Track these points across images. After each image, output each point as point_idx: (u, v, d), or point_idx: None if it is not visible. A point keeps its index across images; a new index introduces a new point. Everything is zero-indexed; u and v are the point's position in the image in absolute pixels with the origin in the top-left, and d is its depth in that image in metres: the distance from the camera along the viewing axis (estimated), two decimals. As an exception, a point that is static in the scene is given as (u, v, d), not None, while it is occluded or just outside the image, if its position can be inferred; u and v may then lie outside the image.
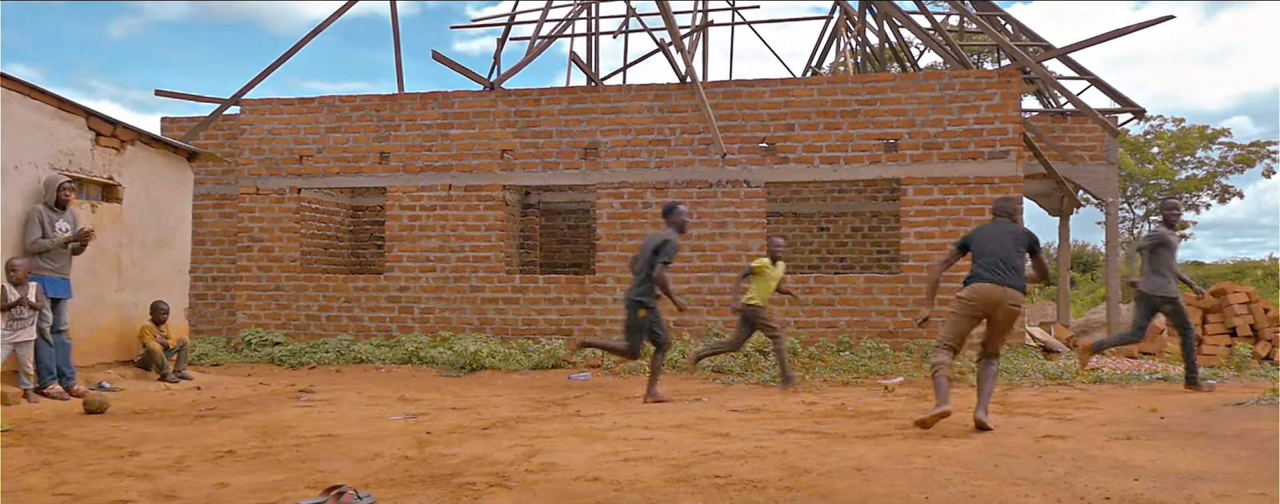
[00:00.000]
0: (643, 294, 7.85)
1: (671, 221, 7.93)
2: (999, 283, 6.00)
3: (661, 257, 7.67)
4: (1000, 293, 5.97)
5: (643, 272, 7.86)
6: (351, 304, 12.84)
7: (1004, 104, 11.49)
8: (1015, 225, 6.37)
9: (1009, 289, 5.98)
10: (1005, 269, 6.05)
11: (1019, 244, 6.15)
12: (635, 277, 8.00)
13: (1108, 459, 4.61)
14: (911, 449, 5.04)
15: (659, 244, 7.75)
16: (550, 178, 12.53)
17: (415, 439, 5.64)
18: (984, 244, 6.19)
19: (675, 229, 7.92)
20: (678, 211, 7.94)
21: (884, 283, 11.68)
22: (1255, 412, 6.21)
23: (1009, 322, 6.07)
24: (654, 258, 7.71)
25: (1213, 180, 27.11)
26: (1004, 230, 6.26)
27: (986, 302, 6.01)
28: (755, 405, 7.33)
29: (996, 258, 6.09)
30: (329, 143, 13.06)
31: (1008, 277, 6.02)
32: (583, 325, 12.19)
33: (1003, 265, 6.06)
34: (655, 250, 7.74)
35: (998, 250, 6.10)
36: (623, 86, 12.66)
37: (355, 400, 7.72)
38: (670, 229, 7.91)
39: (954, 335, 6.13)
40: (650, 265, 7.74)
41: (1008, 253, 6.09)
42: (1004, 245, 6.13)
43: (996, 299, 5.97)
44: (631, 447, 5.29)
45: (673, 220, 7.92)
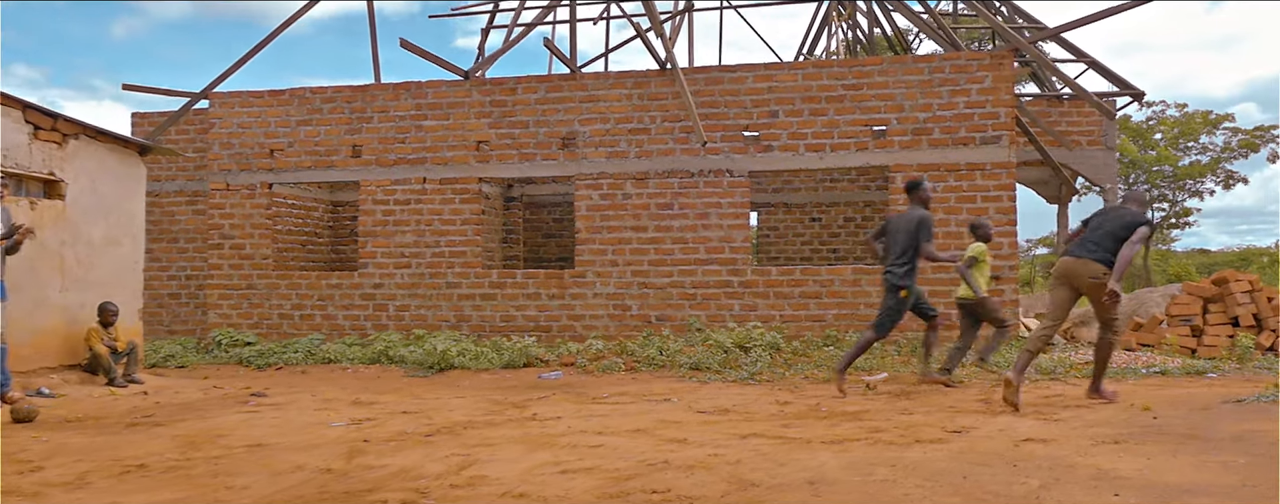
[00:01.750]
0: (905, 275, 7.60)
1: (918, 197, 7.77)
2: (1076, 256, 6.54)
3: (924, 235, 7.48)
4: (1078, 265, 6.50)
5: (898, 251, 7.61)
6: (325, 302, 12.46)
7: (996, 87, 11.04)
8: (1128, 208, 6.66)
9: (1085, 261, 6.47)
10: (1091, 245, 6.53)
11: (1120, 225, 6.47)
12: (891, 255, 7.71)
13: (1090, 468, 4.19)
14: (877, 457, 4.63)
15: (918, 222, 7.52)
16: (527, 169, 12.12)
17: (348, 448, 5.25)
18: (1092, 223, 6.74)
19: (922, 204, 7.74)
20: (924, 187, 7.79)
21: (873, 274, 11.25)
22: (1255, 410, 5.78)
23: (1095, 293, 6.46)
24: (917, 236, 7.49)
25: (1217, 166, 26.54)
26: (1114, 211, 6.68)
27: (1068, 273, 6.57)
28: (725, 406, 6.93)
29: (1088, 236, 6.61)
30: (300, 136, 12.67)
31: (1086, 250, 6.52)
32: (562, 322, 11.80)
33: (1089, 242, 6.56)
34: (916, 230, 7.51)
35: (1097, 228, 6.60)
36: (601, 74, 12.24)
37: (306, 404, 7.33)
38: (917, 205, 7.73)
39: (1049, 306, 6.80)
40: (913, 244, 7.52)
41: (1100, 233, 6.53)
42: (1104, 225, 6.58)
43: (1074, 271, 6.52)
44: (576, 455, 4.89)
45: (920, 196, 7.76)
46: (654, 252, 11.66)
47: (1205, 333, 10.04)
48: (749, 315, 11.27)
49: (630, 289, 11.67)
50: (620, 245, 11.75)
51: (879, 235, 8.03)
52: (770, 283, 11.41)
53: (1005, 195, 11.01)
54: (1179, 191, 27.24)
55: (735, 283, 11.45)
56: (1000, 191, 11.01)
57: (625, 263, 11.72)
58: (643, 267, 11.67)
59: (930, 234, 7.51)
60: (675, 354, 9.88)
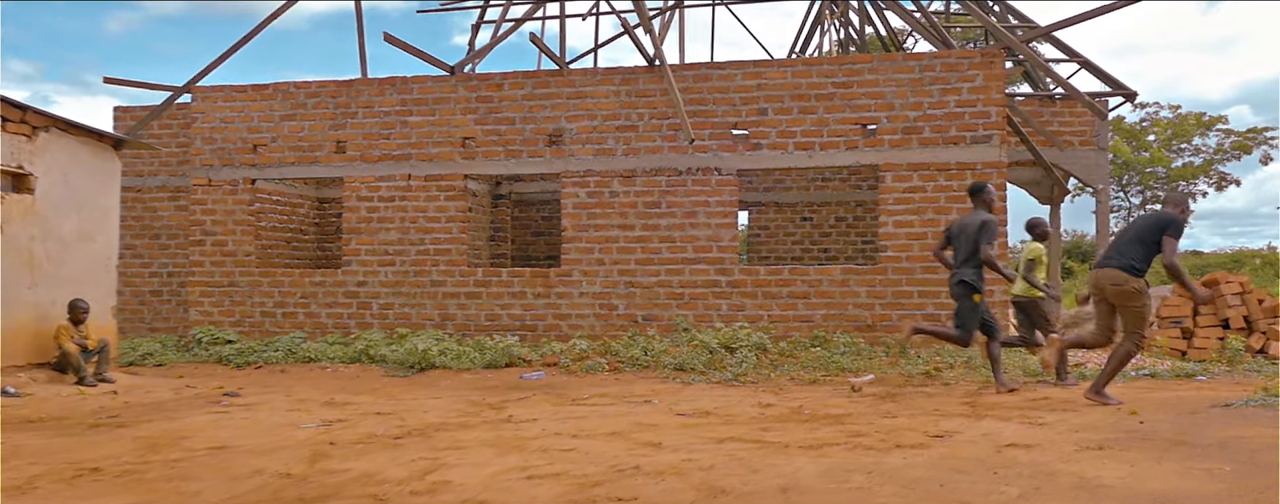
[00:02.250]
0: (974, 277, 7.54)
1: (983, 200, 7.74)
2: (1099, 267, 6.66)
3: (985, 237, 7.44)
4: (1100, 275, 6.60)
5: (964, 255, 7.58)
6: (308, 300, 12.30)
7: (987, 86, 10.91)
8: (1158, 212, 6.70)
9: (1106, 270, 6.55)
10: (1114, 253, 6.61)
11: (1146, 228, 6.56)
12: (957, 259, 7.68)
13: (1072, 475, 4.06)
14: (856, 462, 4.49)
15: (981, 224, 7.50)
16: (514, 167, 11.97)
17: (313, 451, 5.10)
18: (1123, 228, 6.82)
19: (986, 208, 7.73)
20: (988, 189, 7.78)
21: (861, 275, 11.12)
22: (1243, 415, 5.66)
23: (1119, 300, 6.53)
24: (979, 238, 7.46)
25: (1210, 168, 26.47)
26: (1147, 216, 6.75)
27: (1094, 285, 6.68)
28: (706, 408, 6.79)
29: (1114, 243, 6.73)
30: (283, 131, 12.50)
31: (1108, 258, 6.62)
32: (548, 321, 11.65)
33: (1114, 249, 6.65)
34: (979, 231, 7.48)
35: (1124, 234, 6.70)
36: (588, 70, 12.08)
37: (278, 405, 7.18)
38: (981, 209, 7.71)
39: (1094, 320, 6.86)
40: (975, 247, 7.50)
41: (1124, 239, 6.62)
42: (1130, 230, 6.68)
43: (1098, 282, 6.62)
44: (546, 460, 4.75)
45: (985, 199, 7.74)
46: (641, 250, 11.52)
47: (1195, 335, 9.92)
48: (736, 315, 11.13)
49: (617, 288, 11.52)
50: (607, 244, 11.61)
51: (944, 245, 7.96)
52: (758, 283, 11.27)
53: (996, 195, 10.86)
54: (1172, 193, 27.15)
55: (723, 282, 11.31)
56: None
57: (612, 262, 11.57)
58: (629, 266, 11.53)
59: (992, 237, 7.47)
60: (660, 354, 9.75)
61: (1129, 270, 6.48)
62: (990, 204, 7.75)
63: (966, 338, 7.64)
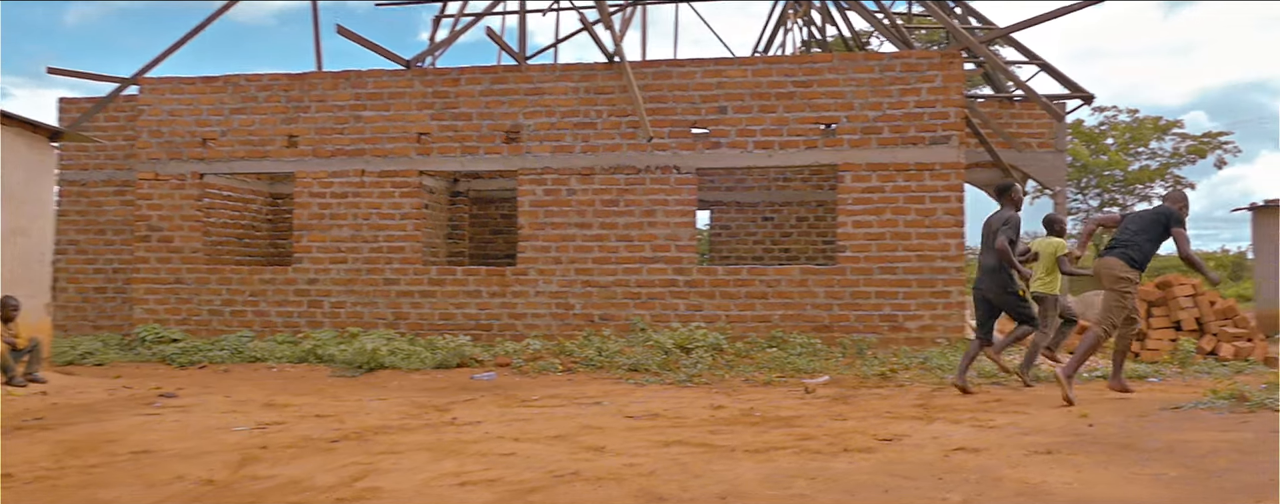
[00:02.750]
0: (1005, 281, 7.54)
1: (1011, 198, 7.71)
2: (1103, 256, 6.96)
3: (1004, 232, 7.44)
4: (1100, 264, 6.94)
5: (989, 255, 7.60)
6: (257, 298, 12.00)
7: (946, 87, 10.89)
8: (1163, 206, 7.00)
9: (1107, 259, 6.88)
10: (1119, 244, 6.90)
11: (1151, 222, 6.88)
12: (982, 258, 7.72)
13: (1016, 481, 3.98)
14: (800, 467, 4.38)
15: (1003, 221, 7.53)
16: (470, 163, 11.76)
17: (241, 456, 4.90)
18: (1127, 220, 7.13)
19: (1014, 207, 7.72)
20: (1017, 188, 7.82)
21: (820, 275, 11.05)
22: (1192, 417, 5.63)
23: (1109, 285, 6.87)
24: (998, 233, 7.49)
25: (1166, 171, 26.85)
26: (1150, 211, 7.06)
27: (1097, 274, 7.07)
28: (656, 410, 6.66)
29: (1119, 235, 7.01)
30: (234, 125, 12.19)
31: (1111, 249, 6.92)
32: (503, 320, 11.46)
33: (1119, 240, 6.94)
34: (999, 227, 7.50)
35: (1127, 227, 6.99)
36: (547, 66, 11.92)
37: (216, 406, 6.95)
38: (1008, 207, 7.68)
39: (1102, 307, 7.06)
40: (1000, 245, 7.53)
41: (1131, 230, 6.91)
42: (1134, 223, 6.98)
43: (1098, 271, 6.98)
44: (483, 465, 4.59)
45: (1013, 197, 7.72)
46: (598, 249, 11.37)
47: (1148, 336, 9.97)
48: (694, 315, 11.02)
49: (574, 287, 11.36)
50: (564, 242, 11.44)
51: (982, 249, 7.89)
52: (716, 282, 11.17)
53: (953, 196, 10.87)
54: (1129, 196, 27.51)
55: (681, 282, 11.20)
56: (949, 192, 10.87)
57: (569, 260, 11.41)
58: (587, 264, 11.37)
59: (1013, 232, 7.49)
60: (614, 355, 9.61)
61: (1129, 261, 6.79)
62: (1018, 203, 7.78)
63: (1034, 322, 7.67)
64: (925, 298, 10.80)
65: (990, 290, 7.58)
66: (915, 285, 10.80)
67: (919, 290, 10.80)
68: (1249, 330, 9.90)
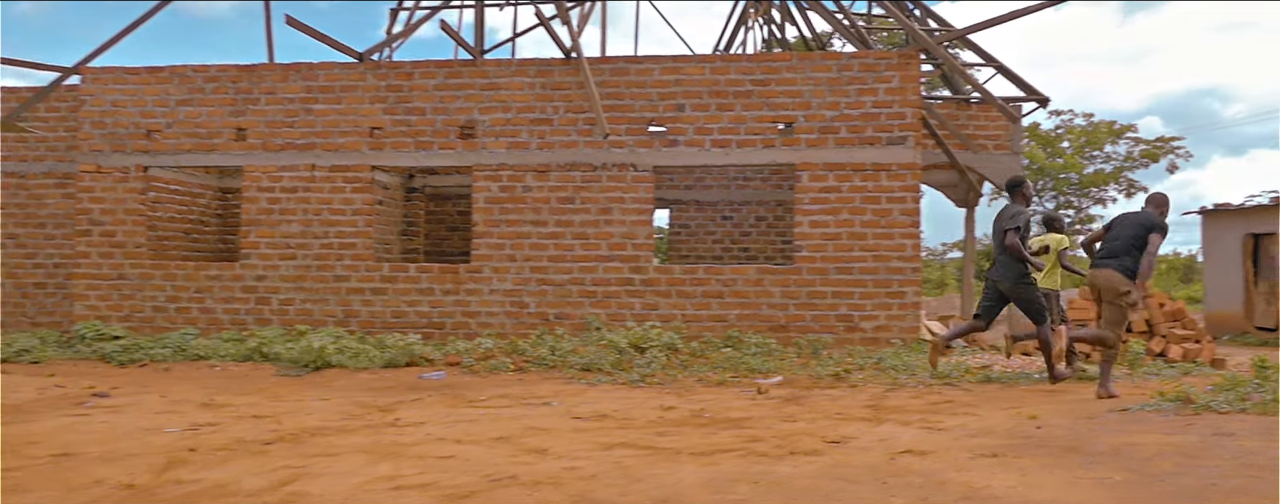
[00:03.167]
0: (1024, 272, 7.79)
1: (1022, 195, 7.93)
2: (1098, 268, 7.09)
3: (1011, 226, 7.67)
4: (1099, 277, 7.07)
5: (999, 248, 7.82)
6: (203, 295, 11.69)
7: (903, 87, 10.90)
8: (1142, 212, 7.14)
9: (1107, 272, 7.01)
10: (1110, 253, 7.05)
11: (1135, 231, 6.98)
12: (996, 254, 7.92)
13: (961, 485, 3.93)
14: (744, 471, 4.30)
15: (1011, 216, 7.75)
16: (424, 159, 11.56)
17: (167, 459, 4.71)
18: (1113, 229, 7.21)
19: (1025, 202, 7.93)
20: (1028, 184, 8.01)
21: (776, 275, 11.01)
22: (1138, 419, 5.64)
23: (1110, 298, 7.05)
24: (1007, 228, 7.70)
25: (1119, 175, 27.27)
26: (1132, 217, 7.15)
27: (1092, 284, 7.18)
28: (605, 411, 6.55)
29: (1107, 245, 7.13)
30: (180, 116, 11.86)
31: (1106, 262, 7.05)
32: (456, 318, 11.27)
33: (1109, 252, 7.07)
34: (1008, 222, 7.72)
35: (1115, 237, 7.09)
36: (503, 61, 11.74)
37: (150, 406, 6.72)
38: (1019, 203, 7.91)
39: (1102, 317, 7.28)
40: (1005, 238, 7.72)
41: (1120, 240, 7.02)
42: (1121, 232, 7.07)
43: (1094, 281, 7.12)
44: (420, 468, 4.45)
45: (1024, 193, 7.95)
46: (554, 247, 11.23)
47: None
48: (650, 315, 10.92)
49: (528, 285, 11.21)
50: (519, 240, 11.29)
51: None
52: (673, 281, 11.08)
53: (909, 196, 10.89)
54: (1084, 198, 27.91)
55: (637, 281, 11.09)
56: (905, 192, 10.88)
57: (524, 258, 11.26)
58: (542, 262, 11.23)
59: (1018, 226, 7.66)
60: (567, 354, 9.48)
61: (1125, 272, 7.00)
62: (1028, 198, 7.98)
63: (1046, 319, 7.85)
64: (881, 298, 10.80)
65: (1003, 280, 7.83)
66: (871, 286, 10.80)
67: (875, 291, 10.80)
68: (1197, 332, 10.03)
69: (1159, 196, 7.36)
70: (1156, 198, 7.34)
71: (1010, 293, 7.86)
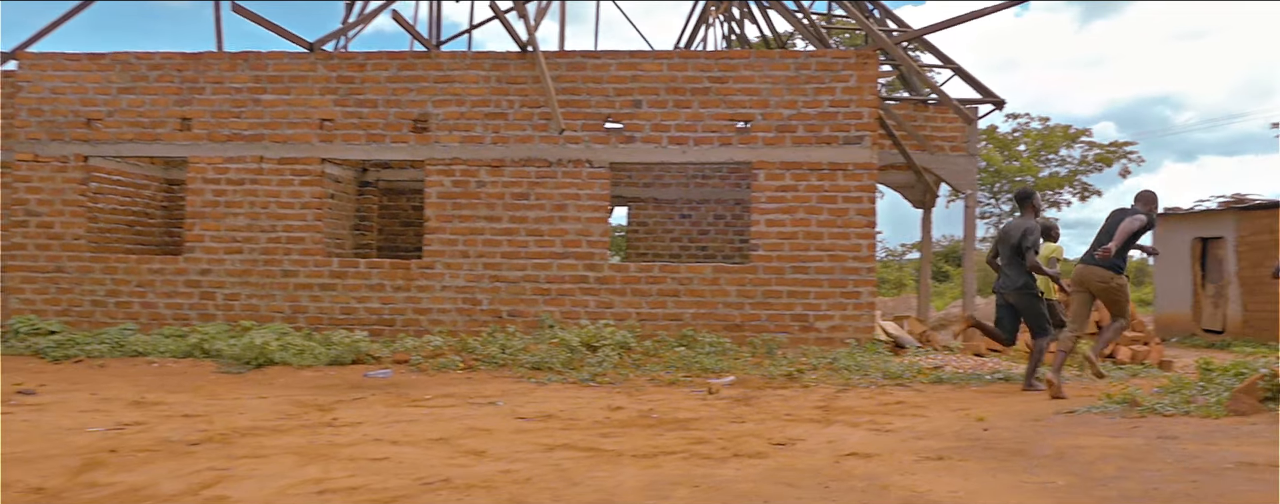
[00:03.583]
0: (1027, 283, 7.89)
1: (1032, 206, 8.05)
2: (1085, 263, 7.47)
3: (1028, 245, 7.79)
4: (1086, 272, 7.41)
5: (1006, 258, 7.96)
6: (145, 289, 11.35)
7: (860, 87, 10.87)
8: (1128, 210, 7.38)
9: (1092, 267, 7.37)
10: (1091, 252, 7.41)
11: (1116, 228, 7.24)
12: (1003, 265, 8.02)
13: (904, 490, 3.85)
14: (686, 474, 4.19)
15: (1022, 232, 7.84)
16: (375, 152, 11.32)
17: (84, 461, 4.49)
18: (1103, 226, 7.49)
19: (1034, 213, 8.03)
20: (1037, 196, 8.13)
21: (732, 273, 10.94)
22: (1084, 421, 5.63)
23: (1104, 295, 7.42)
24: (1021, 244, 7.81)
25: (1074, 179, 27.65)
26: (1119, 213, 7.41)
27: (1079, 279, 7.48)
28: (551, 411, 6.41)
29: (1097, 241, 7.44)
30: (122, 105, 11.50)
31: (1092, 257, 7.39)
32: (407, 315, 11.05)
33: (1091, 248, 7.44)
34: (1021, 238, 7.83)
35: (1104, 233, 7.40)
36: (457, 54, 11.53)
37: (77, 405, 6.46)
38: (1028, 215, 8.01)
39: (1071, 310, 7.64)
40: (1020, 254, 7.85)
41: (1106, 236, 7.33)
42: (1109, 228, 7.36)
43: (1083, 277, 7.43)
44: (350, 471, 4.28)
45: (1033, 205, 8.07)
46: (507, 243, 11.05)
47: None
48: (604, 313, 10.79)
49: (481, 282, 11.03)
50: (472, 236, 11.09)
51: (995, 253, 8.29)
52: (628, 279, 10.96)
53: (866, 196, 10.87)
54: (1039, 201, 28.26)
55: (591, 278, 10.96)
56: (861, 192, 10.86)
57: (477, 255, 11.07)
58: (495, 259, 11.05)
59: (1034, 245, 7.81)
60: (518, 353, 9.32)
61: (1113, 268, 7.32)
62: (1038, 210, 8.10)
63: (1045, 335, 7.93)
64: (836, 298, 10.77)
65: (1009, 290, 7.95)
66: (827, 285, 10.77)
67: (830, 290, 10.77)
68: (1146, 335, 10.13)
69: (1146, 194, 7.54)
70: (1144, 195, 7.53)
71: (1016, 303, 7.95)
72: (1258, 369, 6.00)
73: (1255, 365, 6.31)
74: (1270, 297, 14.94)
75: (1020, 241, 7.80)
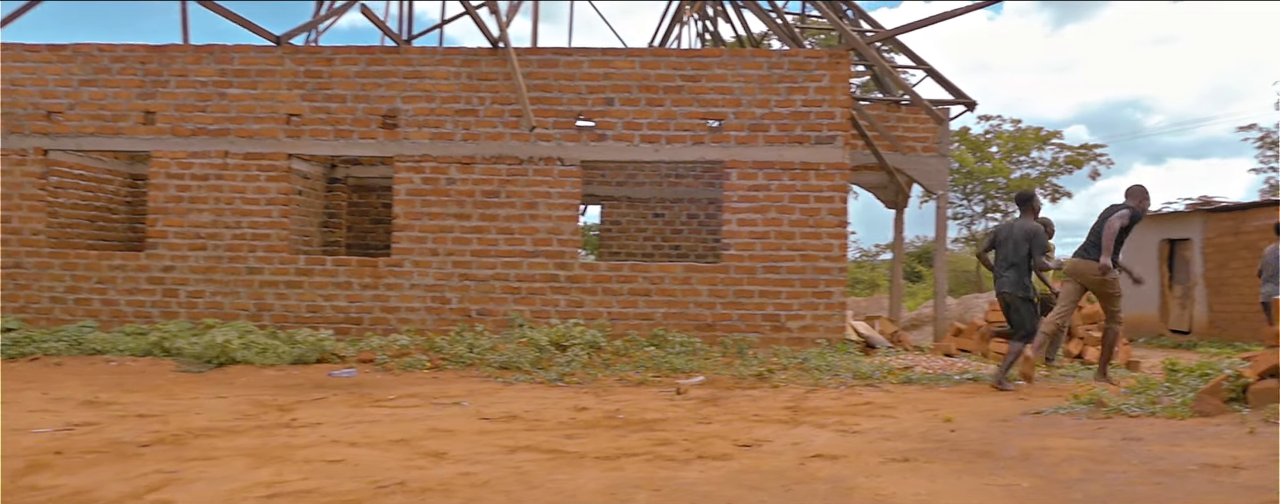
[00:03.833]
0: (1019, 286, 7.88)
1: (1032, 208, 8.08)
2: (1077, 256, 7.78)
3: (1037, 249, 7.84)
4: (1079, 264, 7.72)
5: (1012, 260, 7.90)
6: (106, 285, 11.12)
7: (833, 86, 10.85)
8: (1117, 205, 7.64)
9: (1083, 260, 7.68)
10: (1088, 245, 7.70)
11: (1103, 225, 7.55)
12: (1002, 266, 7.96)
13: (868, 493, 3.80)
14: (648, 477, 4.11)
15: (1031, 235, 7.85)
16: (343, 148, 11.16)
17: (28, 463, 4.35)
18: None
19: (1034, 215, 8.08)
20: (1036, 198, 8.20)
21: (704, 273, 10.88)
22: (1052, 422, 5.62)
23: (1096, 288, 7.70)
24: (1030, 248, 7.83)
25: (1045, 180, 27.88)
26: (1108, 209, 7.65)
27: (1072, 271, 7.77)
28: (517, 411, 6.32)
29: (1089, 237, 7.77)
30: (83, 98, 11.26)
31: (1083, 250, 7.73)
32: (375, 314, 10.90)
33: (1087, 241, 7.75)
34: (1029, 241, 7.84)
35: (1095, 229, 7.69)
36: (427, 49, 11.40)
37: (29, 403, 6.28)
38: (1029, 217, 8.03)
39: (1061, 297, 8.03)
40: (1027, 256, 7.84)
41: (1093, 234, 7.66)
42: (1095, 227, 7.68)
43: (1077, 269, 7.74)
44: (304, 473, 4.17)
45: (1033, 207, 8.10)
46: (477, 242, 10.93)
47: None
48: (575, 312, 10.70)
49: (450, 280, 10.90)
50: (442, 234, 10.96)
51: (989, 247, 8.29)
52: (599, 278, 10.88)
53: (838, 196, 10.84)
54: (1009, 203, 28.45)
55: (562, 277, 10.86)
56: (833, 192, 10.83)
57: (446, 253, 10.94)
58: (465, 257, 10.92)
59: (1043, 247, 7.89)
60: (486, 352, 9.22)
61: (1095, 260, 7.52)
62: (1038, 211, 8.12)
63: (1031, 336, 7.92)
64: (807, 298, 10.74)
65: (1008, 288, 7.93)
66: (798, 285, 10.74)
67: (802, 290, 10.74)
68: (1113, 335, 10.17)
69: (1135, 189, 7.73)
70: (1133, 190, 7.72)
71: (1012, 302, 7.93)
72: (1222, 370, 6.02)
73: (1220, 366, 6.33)
74: (1235, 297, 15.11)
75: (1030, 246, 7.80)
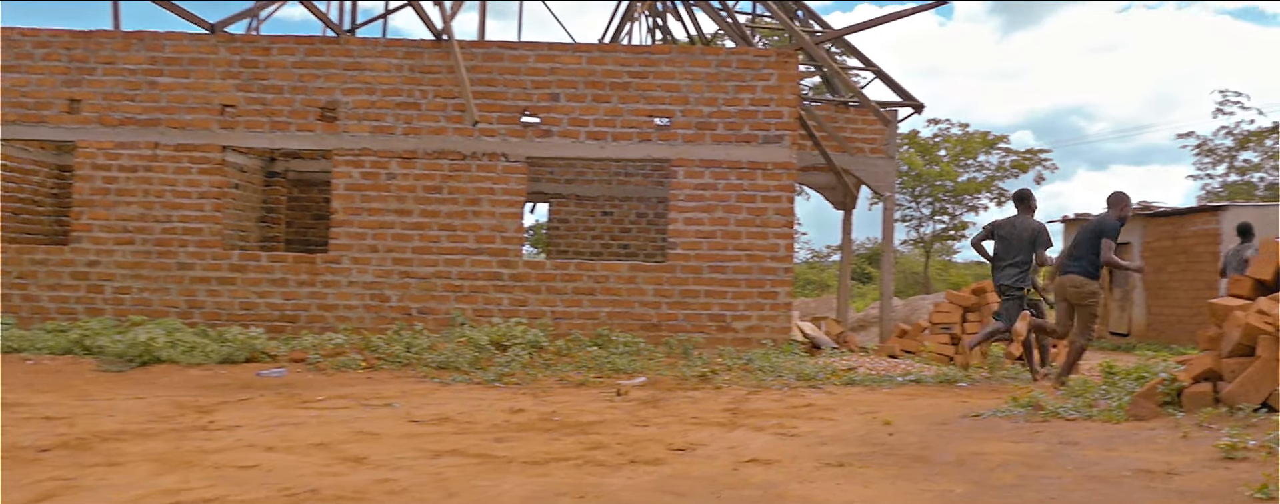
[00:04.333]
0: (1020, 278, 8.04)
1: (1029, 206, 8.21)
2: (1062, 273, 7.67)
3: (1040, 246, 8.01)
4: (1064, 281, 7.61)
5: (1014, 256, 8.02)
6: (27, 281, 10.66)
7: (781, 86, 10.79)
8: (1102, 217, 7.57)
9: (1067, 275, 7.58)
10: (1069, 259, 7.67)
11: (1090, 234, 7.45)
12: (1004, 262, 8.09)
13: (799, 499, 3.69)
14: (573, 484, 3.96)
15: (1036, 232, 8.03)
16: (280, 140, 10.83)
17: (-89, 470, 4.06)
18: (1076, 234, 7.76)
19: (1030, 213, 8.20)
20: (1033, 196, 8.32)
21: (649, 272, 10.76)
22: (989, 426, 5.58)
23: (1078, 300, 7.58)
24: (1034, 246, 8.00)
25: (991, 184, 28.28)
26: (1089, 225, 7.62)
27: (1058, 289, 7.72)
28: (449, 413, 6.12)
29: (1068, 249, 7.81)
30: (4, 84, 10.78)
31: (1065, 266, 7.66)
32: (311, 311, 10.59)
33: (1069, 256, 7.73)
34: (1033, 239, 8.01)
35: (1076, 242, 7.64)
36: (368, 40, 11.13)
37: (-73, 406, 5.93)
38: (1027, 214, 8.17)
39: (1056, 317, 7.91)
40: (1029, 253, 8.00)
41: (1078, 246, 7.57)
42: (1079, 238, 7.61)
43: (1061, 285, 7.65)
44: (211, 480, 3.95)
45: (1030, 205, 8.23)
46: (418, 238, 10.68)
47: (962, 341, 10.16)
48: (518, 310, 10.50)
49: (390, 278, 10.63)
50: (382, 230, 10.69)
51: (986, 237, 8.39)
52: (543, 277, 10.70)
53: (785, 196, 10.79)
54: (957, 205, 28.84)
55: (505, 275, 10.66)
56: (780, 192, 10.77)
57: (386, 249, 10.67)
58: (406, 254, 10.66)
59: (1048, 244, 8.06)
60: (424, 351, 8.98)
61: (1085, 274, 7.49)
62: (1034, 209, 8.28)
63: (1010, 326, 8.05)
64: (753, 298, 10.67)
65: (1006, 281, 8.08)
66: (744, 285, 10.66)
67: (748, 290, 10.66)
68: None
69: (1114, 196, 7.72)
70: (1113, 197, 7.71)
71: (1005, 293, 8.13)
72: (1157, 373, 6.03)
73: (1156, 369, 6.35)
74: (1173, 301, 15.40)
75: (1034, 240, 7.98)
